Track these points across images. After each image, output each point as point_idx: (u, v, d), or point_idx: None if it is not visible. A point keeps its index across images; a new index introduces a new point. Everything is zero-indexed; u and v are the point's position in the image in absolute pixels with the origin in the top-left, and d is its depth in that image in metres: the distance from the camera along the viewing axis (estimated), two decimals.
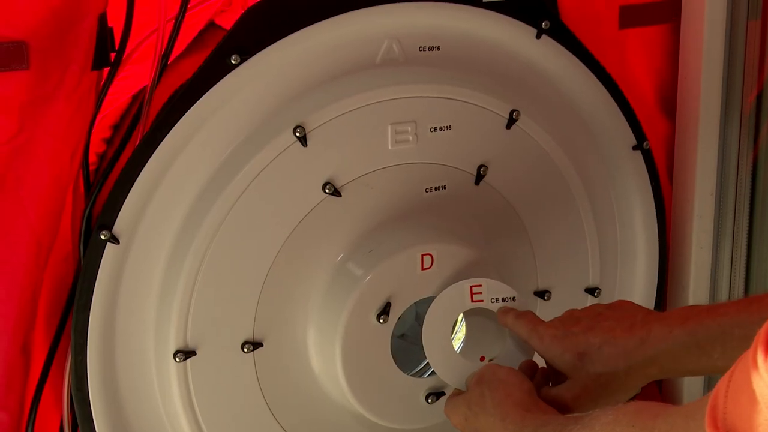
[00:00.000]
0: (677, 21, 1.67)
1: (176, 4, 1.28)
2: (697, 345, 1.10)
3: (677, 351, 1.12)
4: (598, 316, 1.22)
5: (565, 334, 1.21)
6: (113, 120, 1.48)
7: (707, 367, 1.12)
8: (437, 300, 1.31)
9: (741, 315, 1.07)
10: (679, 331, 1.12)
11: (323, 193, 1.30)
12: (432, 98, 1.35)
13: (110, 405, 1.29)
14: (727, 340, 1.08)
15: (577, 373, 1.19)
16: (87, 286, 1.24)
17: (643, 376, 1.17)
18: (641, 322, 1.17)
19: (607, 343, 1.17)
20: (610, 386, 1.18)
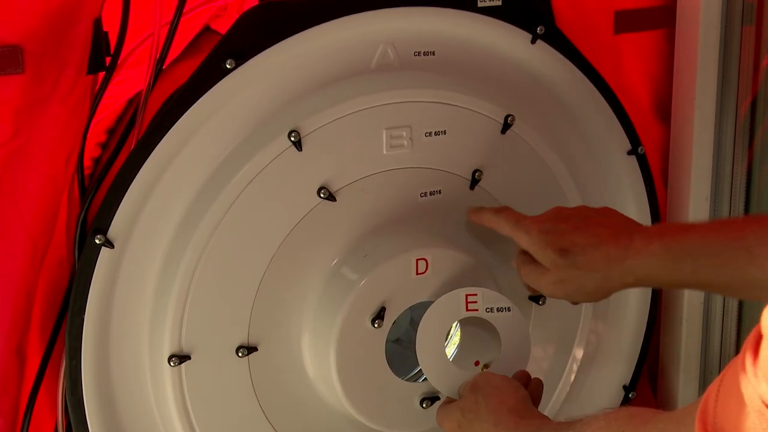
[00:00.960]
0: (672, 26, 1.67)
1: (171, 9, 1.28)
2: (671, 260, 1.13)
3: (653, 264, 1.15)
4: (586, 219, 1.24)
5: (552, 230, 1.24)
6: (108, 124, 1.48)
7: (680, 281, 1.16)
8: (432, 308, 1.31)
9: (714, 234, 1.10)
10: (657, 245, 1.15)
11: (318, 198, 1.31)
12: (427, 103, 1.35)
13: (104, 409, 1.29)
14: (698, 256, 1.11)
15: (557, 268, 1.23)
16: (82, 290, 1.24)
17: (619, 283, 1.20)
18: (626, 232, 1.19)
19: (592, 246, 1.20)
20: (586, 287, 1.21)
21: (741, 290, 1.13)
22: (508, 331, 1.34)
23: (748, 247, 1.05)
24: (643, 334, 1.71)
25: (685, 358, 1.77)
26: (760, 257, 1.04)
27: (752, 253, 1.05)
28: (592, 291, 1.22)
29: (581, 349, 1.61)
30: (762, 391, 0.72)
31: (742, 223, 1.09)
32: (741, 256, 1.06)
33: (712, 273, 1.10)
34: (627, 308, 1.68)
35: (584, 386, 1.66)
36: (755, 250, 1.04)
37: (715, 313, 1.76)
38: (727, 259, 1.07)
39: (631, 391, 1.71)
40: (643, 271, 1.16)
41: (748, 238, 1.06)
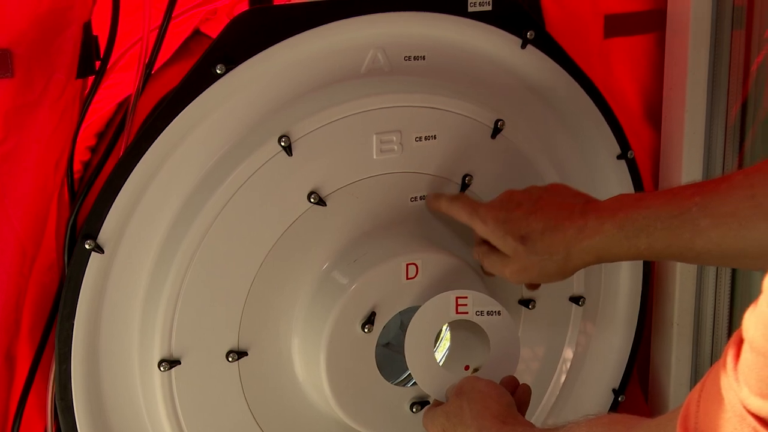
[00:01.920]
0: (662, 31, 1.67)
1: (161, 13, 1.28)
2: (625, 237, 1.16)
3: (608, 241, 1.17)
4: (539, 201, 1.26)
5: (507, 218, 1.26)
6: (98, 128, 1.48)
7: (636, 254, 1.17)
8: (421, 309, 1.31)
9: (663, 208, 1.12)
10: (610, 224, 1.17)
11: (308, 203, 1.31)
12: (417, 108, 1.35)
13: (94, 414, 1.29)
14: (650, 232, 1.13)
15: (518, 255, 1.25)
16: (71, 295, 1.23)
17: (580, 261, 1.22)
18: (580, 212, 1.21)
19: (549, 229, 1.22)
20: (548, 270, 1.24)
21: (693, 259, 1.16)
22: (497, 334, 1.34)
23: (693, 220, 1.08)
24: (633, 338, 1.71)
25: (675, 362, 1.77)
26: (705, 229, 1.07)
27: (698, 225, 1.07)
28: (554, 273, 1.24)
29: (571, 352, 1.62)
30: (743, 395, 0.72)
31: (690, 193, 1.10)
32: (688, 229, 1.08)
33: (664, 246, 1.12)
34: (616, 311, 1.69)
35: (574, 389, 1.66)
36: (701, 221, 1.07)
37: (705, 316, 1.77)
38: (676, 232, 1.10)
39: (620, 394, 1.71)
40: (600, 249, 1.19)
41: (693, 210, 1.08)
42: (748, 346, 0.73)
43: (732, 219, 1.04)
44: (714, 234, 1.06)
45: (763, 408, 0.70)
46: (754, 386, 0.71)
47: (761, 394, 0.70)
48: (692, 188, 1.11)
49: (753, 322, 0.72)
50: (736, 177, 1.06)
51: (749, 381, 0.72)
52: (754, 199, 1.01)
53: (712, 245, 1.07)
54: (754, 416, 0.71)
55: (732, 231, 1.04)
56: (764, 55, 1.67)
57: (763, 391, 0.70)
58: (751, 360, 0.72)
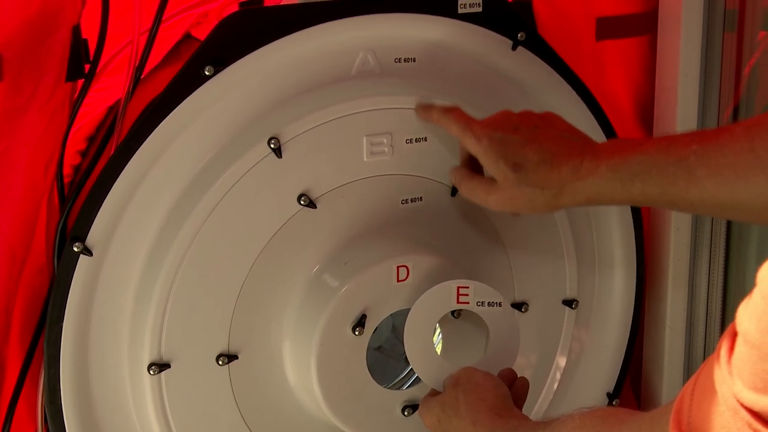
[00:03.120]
0: (654, 33, 1.67)
1: (151, 16, 1.28)
2: (619, 180, 1.13)
3: (602, 183, 1.15)
4: (536, 129, 1.23)
5: (503, 140, 1.22)
6: (88, 132, 1.48)
7: (628, 200, 1.16)
8: (422, 298, 1.31)
9: (659, 154, 1.10)
10: (605, 166, 1.15)
11: (298, 205, 1.30)
12: (408, 110, 1.35)
13: (84, 418, 1.28)
14: (645, 178, 1.11)
15: (507, 181, 1.21)
16: (60, 299, 1.23)
17: (570, 200, 1.20)
18: (577, 151, 1.19)
19: (545, 162, 1.19)
20: (536, 203, 1.21)
21: (685, 208, 1.15)
22: (497, 326, 1.34)
23: (689, 168, 1.06)
24: (626, 341, 1.71)
25: (668, 366, 1.77)
26: (701, 178, 1.05)
27: (694, 174, 1.06)
28: (541, 207, 1.22)
29: (564, 356, 1.61)
30: (736, 389, 0.72)
31: (688, 140, 1.09)
32: (683, 177, 1.07)
33: (658, 192, 1.11)
34: (610, 315, 1.68)
35: (567, 394, 1.65)
36: (697, 171, 1.05)
37: (698, 320, 1.76)
38: (672, 179, 1.08)
39: (614, 398, 1.71)
40: (592, 190, 1.17)
41: (689, 159, 1.06)
42: (741, 339, 0.73)
43: (729, 170, 1.02)
44: (710, 184, 1.05)
45: (757, 402, 0.70)
46: (748, 379, 0.71)
47: (755, 388, 0.70)
48: (691, 136, 1.09)
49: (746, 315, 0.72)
50: (736, 129, 1.04)
51: (743, 374, 0.72)
52: (753, 152, 1.00)
53: (707, 195, 1.06)
54: (748, 410, 0.71)
55: (728, 182, 1.03)
56: (756, 58, 1.67)
57: (756, 385, 0.70)
58: (744, 353, 0.72)
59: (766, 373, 0.70)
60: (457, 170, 1.32)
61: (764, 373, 0.70)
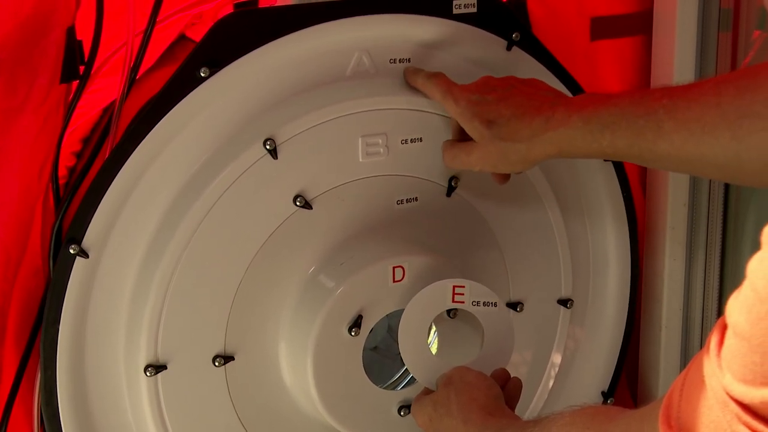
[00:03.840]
0: (649, 33, 1.67)
1: (146, 18, 1.27)
2: (590, 131, 1.16)
3: (573, 134, 1.18)
4: (512, 89, 1.26)
5: (479, 100, 1.26)
6: (83, 133, 1.48)
7: (597, 151, 1.18)
8: (417, 296, 1.31)
9: (630, 107, 1.13)
10: (576, 117, 1.17)
11: (294, 206, 1.30)
12: (403, 110, 1.35)
13: (80, 420, 1.28)
14: (615, 129, 1.14)
15: (483, 139, 1.25)
16: (56, 301, 1.23)
17: (542, 153, 1.22)
18: (549, 104, 1.22)
19: (516, 117, 1.22)
20: (509, 157, 1.24)
21: (652, 162, 1.18)
22: (492, 326, 1.34)
23: (658, 121, 1.08)
24: (621, 341, 1.71)
25: (664, 365, 1.77)
26: (668, 131, 1.07)
27: (662, 127, 1.08)
28: (516, 161, 1.24)
29: (559, 355, 1.61)
30: (726, 381, 0.72)
31: (659, 95, 1.11)
32: (652, 130, 1.09)
33: (626, 144, 1.13)
34: (604, 314, 1.68)
35: (563, 392, 1.65)
36: (665, 124, 1.08)
37: (694, 319, 1.76)
38: (640, 132, 1.10)
39: (609, 397, 1.71)
40: (563, 142, 1.19)
41: (659, 112, 1.09)
42: (731, 331, 0.73)
43: (696, 124, 1.04)
44: (676, 137, 1.07)
45: (747, 394, 0.70)
46: (738, 372, 0.71)
47: (744, 380, 0.71)
48: (662, 91, 1.11)
49: (736, 307, 0.72)
50: (706, 84, 1.06)
51: (732, 367, 0.72)
52: (719, 107, 1.01)
53: (673, 149, 1.08)
54: (737, 402, 0.71)
55: (694, 136, 1.05)
56: (751, 58, 1.67)
57: (746, 377, 0.70)
58: (734, 346, 0.72)
59: (755, 365, 0.70)
60: (443, 141, 1.36)
61: (754, 365, 0.70)
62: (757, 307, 0.69)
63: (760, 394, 0.70)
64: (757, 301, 0.70)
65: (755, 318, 0.70)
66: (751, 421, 0.70)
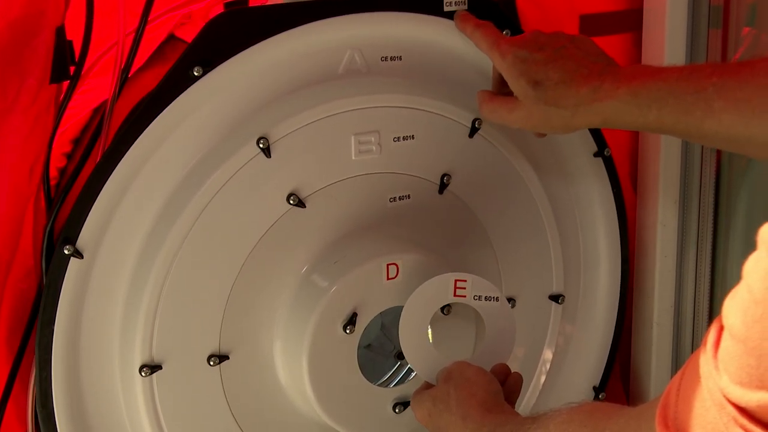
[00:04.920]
0: (639, 30, 1.67)
1: (136, 17, 1.27)
2: (637, 105, 1.15)
3: (619, 107, 1.17)
4: (562, 50, 1.24)
5: (527, 58, 1.25)
6: (74, 134, 1.47)
7: (643, 125, 1.18)
8: (419, 290, 1.31)
9: (679, 83, 1.12)
10: (625, 89, 1.16)
11: (287, 205, 1.30)
12: (395, 108, 1.35)
13: (75, 421, 1.28)
14: (662, 105, 1.13)
15: (527, 99, 1.24)
16: (51, 301, 1.22)
17: (585, 121, 1.22)
18: (597, 73, 1.20)
19: (564, 82, 1.21)
20: (552, 121, 1.23)
21: (699, 139, 1.19)
22: (493, 321, 1.34)
23: (707, 100, 1.07)
24: (612, 336, 1.71)
25: (656, 361, 1.78)
26: (718, 110, 1.06)
27: (711, 106, 1.07)
28: (558, 126, 1.24)
29: (551, 351, 1.62)
30: (723, 384, 0.72)
31: (708, 72, 1.10)
32: (701, 108, 1.08)
33: (673, 121, 1.12)
34: (596, 310, 1.69)
35: (554, 388, 1.66)
36: (714, 103, 1.07)
37: (685, 315, 1.77)
38: (689, 109, 1.10)
39: (601, 392, 1.71)
40: (609, 113, 1.18)
41: (708, 90, 1.08)
42: (728, 333, 0.72)
43: (746, 105, 1.04)
44: (725, 117, 1.06)
45: (743, 397, 0.70)
46: (735, 374, 0.71)
47: (741, 383, 0.70)
48: (712, 68, 1.09)
49: (733, 309, 0.72)
50: (758, 64, 1.05)
51: (729, 369, 0.71)
52: None
53: (721, 128, 1.07)
54: (734, 405, 0.71)
55: (744, 117, 1.04)
56: (741, 54, 1.68)
57: (743, 380, 0.70)
58: (731, 347, 0.71)
59: (751, 368, 0.69)
60: (480, 92, 1.35)
61: (749, 368, 0.69)
62: (753, 309, 0.69)
63: (757, 398, 0.69)
64: (753, 303, 0.69)
65: (750, 320, 0.69)
66: (748, 424, 0.70)
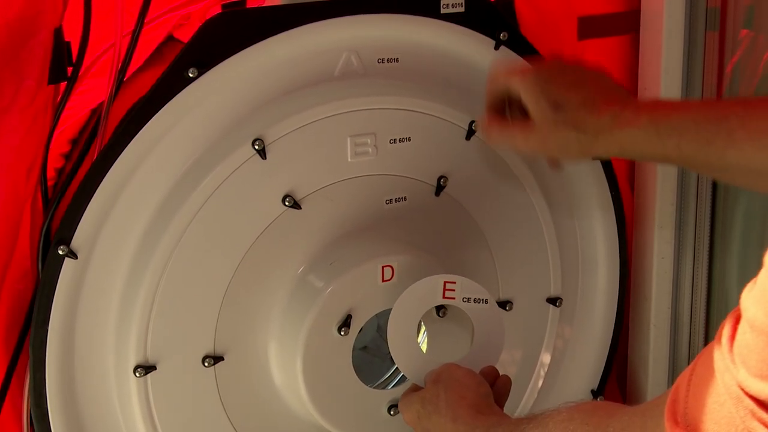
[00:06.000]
0: (636, 32, 1.68)
1: (133, 19, 1.27)
2: (657, 133, 1.12)
3: (639, 135, 1.14)
4: (583, 76, 1.22)
5: (547, 79, 1.21)
6: (72, 134, 1.47)
7: (662, 155, 1.14)
8: (408, 291, 1.30)
9: (700, 112, 1.09)
10: (645, 117, 1.14)
11: (283, 206, 1.30)
12: (391, 110, 1.35)
13: (70, 421, 1.28)
14: (683, 133, 1.10)
15: (545, 121, 1.19)
16: (45, 302, 1.23)
17: (603, 148, 1.19)
18: (619, 100, 1.18)
19: (585, 106, 1.18)
20: (569, 146, 1.19)
21: (720, 171, 1.14)
22: (482, 323, 1.33)
23: (729, 130, 1.05)
24: (610, 339, 1.71)
25: (653, 363, 1.78)
26: (740, 140, 1.04)
27: (733, 136, 1.05)
28: (575, 151, 1.20)
29: (548, 354, 1.62)
30: (741, 377, 0.71)
31: (729, 104, 1.08)
32: (722, 138, 1.06)
33: (694, 151, 1.09)
34: (594, 313, 1.69)
35: (552, 391, 1.66)
36: (736, 133, 1.04)
37: (682, 318, 1.77)
38: (710, 139, 1.07)
39: (599, 395, 1.71)
40: (629, 142, 1.15)
41: (731, 120, 1.05)
42: (747, 325, 0.71)
43: None
44: (748, 147, 1.03)
45: (764, 390, 0.69)
46: (754, 367, 0.70)
47: (761, 376, 0.69)
48: (735, 100, 1.08)
49: (752, 300, 0.71)
50: None
51: (748, 362, 0.70)
52: None
53: (743, 159, 1.04)
54: (752, 398, 0.70)
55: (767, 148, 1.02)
56: (739, 57, 1.68)
57: (763, 373, 0.69)
58: (750, 340, 0.70)
59: None
60: (487, 117, 1.29)
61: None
62: None
63: None
64: None
65: None
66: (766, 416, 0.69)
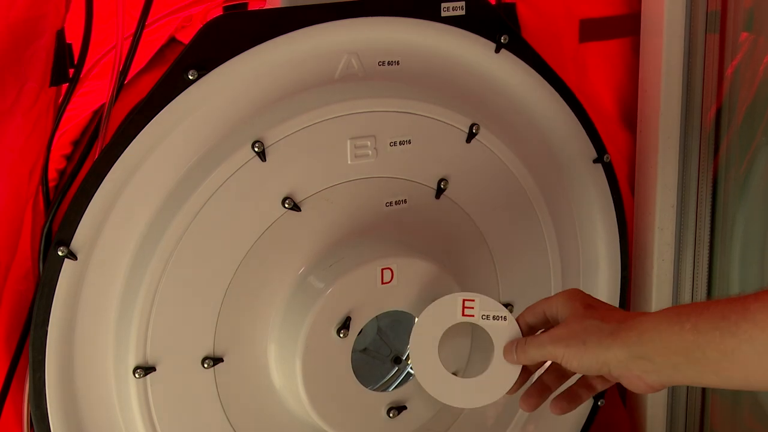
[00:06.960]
0: (637, 35, 1.68)
1: (135, 21, 1.28)
2: (677, 313, 1.10)
3: (659, 319, 1.11)
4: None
5: (578, 293, 1.22)
6: (74, 136, 1.48)
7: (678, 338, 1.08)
8: (427, 310, 1.29)
9: (718, 300, 1.06)
10: (666, 309, 1.12)
11: (283, 208, 1.30)
12: (391, 113, 1.35)
13: (69, 422, 1.28)
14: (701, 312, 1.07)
15: (575, 315, 1.18)
16: (45, 303, 1.23)
17: (622, 337, 1.13)
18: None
19: (613, 308, 1.19)
20: (589, 332, 1.16)
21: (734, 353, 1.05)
22: (501, 339, 1.33)
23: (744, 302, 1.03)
24: None
25: None
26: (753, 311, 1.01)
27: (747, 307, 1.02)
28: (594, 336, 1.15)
29: None
30: None
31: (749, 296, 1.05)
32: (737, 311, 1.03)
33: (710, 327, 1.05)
34: None
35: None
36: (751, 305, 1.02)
37: None
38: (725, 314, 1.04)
39: (600, 398, 1.71)
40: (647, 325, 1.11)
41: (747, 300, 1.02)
42: None
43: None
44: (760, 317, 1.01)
45: None
46: None
47: None
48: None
49: None
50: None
51: None
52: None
53: (756, 329, 1.01)
54: None
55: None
56: (739, 59, 1.68)
57: None
58: None
59: None
60: (514, 343, 1.28)
61: None
62: None
63: None
64: None
65: None
66: None
